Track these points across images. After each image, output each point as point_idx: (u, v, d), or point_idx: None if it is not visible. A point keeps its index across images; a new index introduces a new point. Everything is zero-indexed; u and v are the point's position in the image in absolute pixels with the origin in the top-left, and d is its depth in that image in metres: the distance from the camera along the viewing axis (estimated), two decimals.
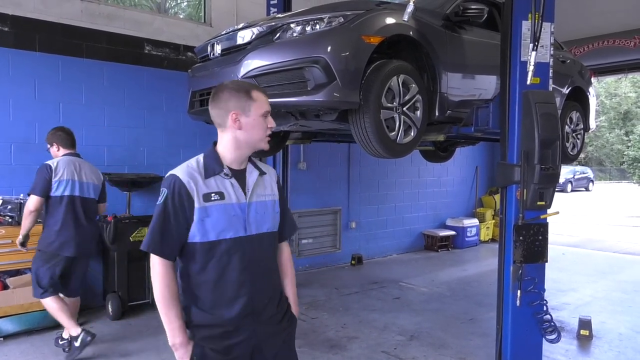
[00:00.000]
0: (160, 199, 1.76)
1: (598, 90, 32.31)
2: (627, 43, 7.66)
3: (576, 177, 27.31)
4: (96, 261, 5.21)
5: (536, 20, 2.94)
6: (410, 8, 3.12)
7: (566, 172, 26.77)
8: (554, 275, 6.93)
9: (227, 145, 1.84)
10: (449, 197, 9.45)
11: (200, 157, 1.86)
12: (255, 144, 1.85)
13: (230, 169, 1.85)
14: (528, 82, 3.05)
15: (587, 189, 27.87)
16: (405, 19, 3.18)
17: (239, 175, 1.86)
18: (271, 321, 1.89)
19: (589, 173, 29.09)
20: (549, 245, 3.36)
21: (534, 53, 2.89)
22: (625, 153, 32.80)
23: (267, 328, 1.87)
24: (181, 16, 6.42)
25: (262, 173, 1.93)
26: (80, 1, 5.16)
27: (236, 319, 1.79)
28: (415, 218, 8.80)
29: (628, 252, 9.35)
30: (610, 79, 30.34)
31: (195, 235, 1.75)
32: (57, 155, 4.01)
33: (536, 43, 2.86)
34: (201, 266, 1.78)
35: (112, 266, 4.99)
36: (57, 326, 4.14)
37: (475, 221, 9.28)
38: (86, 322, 4.77)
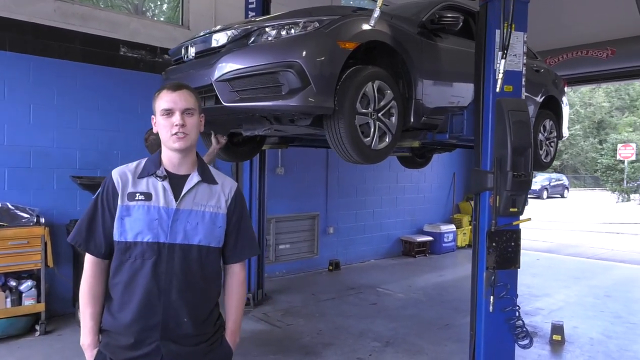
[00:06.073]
0: (94, 195, 1.78)
1: (573, 99, 33.15)
2: (600, 54, 7.84)
3: (552, 184, 27.93)
4: (66, 266, 5.08)
5: (505, 29, 2.99)
6: (376, 13, 3.13)
7: (542, 179, 27.36)
8: (528, 280, 7.03)
9: (162, 148, 1.81)
10: (427, 203, 9.52)
11: (146, 158, 1.85)
12: (166, 144, 1.76)
13: (169, 172, 1.77)
14: (497, 90, 3.10)
15: (562, 196, 28.48)
16: (372, 24, 3.19)
17: (178, 180, 1.77)
18: (185, 342, 1.71)
19: (564, 180, 29.77)
20: (524, 251, 3.40)
21: (503, 61, 2.93)
22: (599, 161, 33.65)
23: (177, 348, 1.69)
24: (157, 19, 6.34)
25: (210, 182, 1.80)
26: (53, 0, 5.04)
27: (139, 330, 1.67)
28: (393, 224, 8.83)
29: (601, 257, 9.54)
30: (584, 89, 31.11)
31: (115, 233, 1.72)
32: None
33: (505, 51, 2.90)
34: (116, 266, 1.72)
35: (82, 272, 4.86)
36: (24, 334, 4.01)
37: (452, 227, 9.37)
38: (55, 329, 4.64)
